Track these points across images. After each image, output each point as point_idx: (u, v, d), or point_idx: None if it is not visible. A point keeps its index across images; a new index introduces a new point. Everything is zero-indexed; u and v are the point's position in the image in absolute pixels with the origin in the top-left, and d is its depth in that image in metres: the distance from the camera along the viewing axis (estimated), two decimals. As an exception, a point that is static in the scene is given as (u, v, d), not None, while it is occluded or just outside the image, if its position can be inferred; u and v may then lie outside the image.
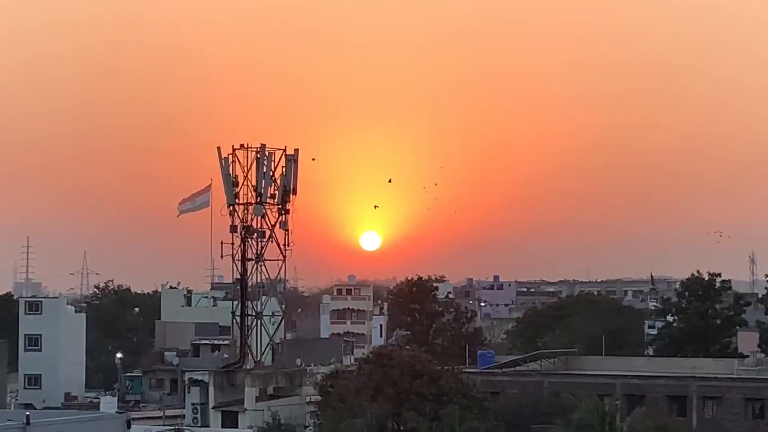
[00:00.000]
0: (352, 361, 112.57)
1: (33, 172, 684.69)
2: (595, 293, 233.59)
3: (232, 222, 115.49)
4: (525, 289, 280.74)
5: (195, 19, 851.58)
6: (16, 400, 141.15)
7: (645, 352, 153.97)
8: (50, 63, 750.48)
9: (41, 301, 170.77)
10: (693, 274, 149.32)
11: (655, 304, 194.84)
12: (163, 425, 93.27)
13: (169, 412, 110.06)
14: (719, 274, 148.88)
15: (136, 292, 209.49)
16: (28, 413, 54.53)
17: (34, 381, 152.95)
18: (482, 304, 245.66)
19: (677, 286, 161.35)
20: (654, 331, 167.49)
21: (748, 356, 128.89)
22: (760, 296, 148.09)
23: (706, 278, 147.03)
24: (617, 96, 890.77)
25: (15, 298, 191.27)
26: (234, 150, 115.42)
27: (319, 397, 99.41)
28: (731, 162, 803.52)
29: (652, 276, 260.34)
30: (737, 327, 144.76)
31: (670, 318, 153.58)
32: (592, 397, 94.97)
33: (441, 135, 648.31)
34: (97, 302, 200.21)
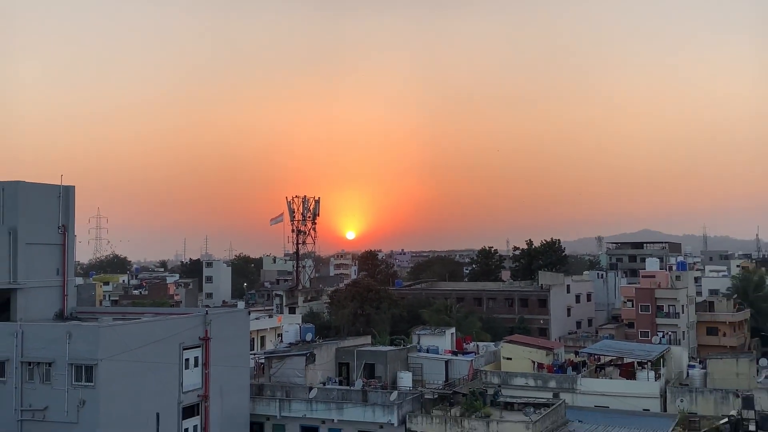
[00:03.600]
0: (342, 285, 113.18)
1: (205, 203, 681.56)
2: (444, 256, 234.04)
3: (292, 228, 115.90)
4: (415, 255, 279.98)
5: (268, 129, 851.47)
6: (201, 303, 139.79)
7: (464, 280, 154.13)
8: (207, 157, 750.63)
9: (212, 262, 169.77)
10: (483, 247, 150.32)
11: (468, 260, 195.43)
12: (264, 314, 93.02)
13: (267, 309, 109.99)
14: (492, 247, 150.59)
15: (252, 257, 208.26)
16: (206, 309, 54.34)
17: (209, 296, 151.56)
18: (397, 261, 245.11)
19: (476, 253, 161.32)
20: (467, 271, 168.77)
21: (505, 281, 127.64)
22: (511, 256, 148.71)
23: (488, 249, 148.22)
24: (457, 169, 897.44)
25: (201, 260, 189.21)
26: (293, 197, 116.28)
27: (329, 300, 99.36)
28: (507, 189, 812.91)
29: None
30: (501, 269, 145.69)
31: (474, 266, 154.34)
32: (441, 299, 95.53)
33: (385, 189, 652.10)
34: (236, 262, 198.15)
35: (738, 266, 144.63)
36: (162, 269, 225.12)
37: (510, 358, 61.67)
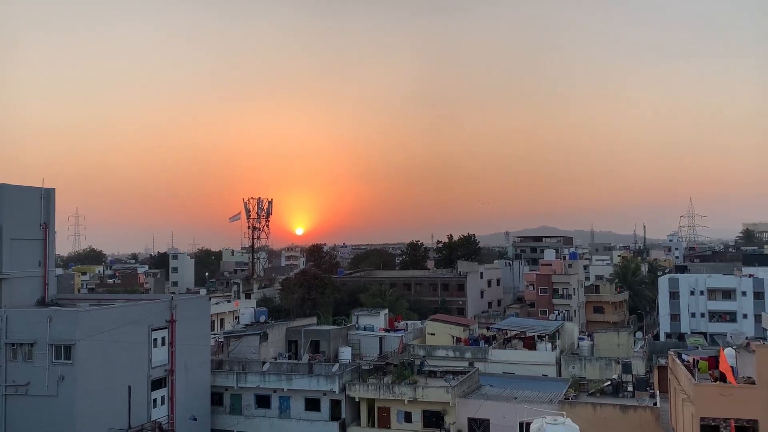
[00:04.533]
0: (292, 274, 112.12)
1: (172, 203, 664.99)
2: (379, 248, 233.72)
3: (248, 225, 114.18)
4: (355, 247, 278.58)
5: (229, 138, 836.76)
6: (167, 290, 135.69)
7: (396, 268, 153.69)
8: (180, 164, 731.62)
9: (177, 255, 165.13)
10: (411, 241, 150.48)
11: (399, 252, 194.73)
12: (223, 299, 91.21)
13: (226, 295, 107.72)
14: (419, 241, 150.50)
15: (213, 251, 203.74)
16: (172, 296, 53.14)
17: (174, 284, 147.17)
18: (339, 253, 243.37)
19: (406, 246, 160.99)
20: (398, 261, 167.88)
21: (430, 269, 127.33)
22: (435, 248, 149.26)
23: (415, 242, 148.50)
24: (390, 174, 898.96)
25: (168, 254, 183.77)
26: (249, 198, 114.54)
27: (281, 287, 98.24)
28: (432, 191, 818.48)
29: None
30: (427, 259, 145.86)
31: (404, 257, 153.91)
32: (377, 285, 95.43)
33: (329, 192, 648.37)
34: (199, 255, 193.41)
35: (619, 256, 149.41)
36: (133, 261, 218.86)
37: (433, 334, 62.18)
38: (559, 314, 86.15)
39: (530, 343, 57.52)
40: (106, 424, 37.90)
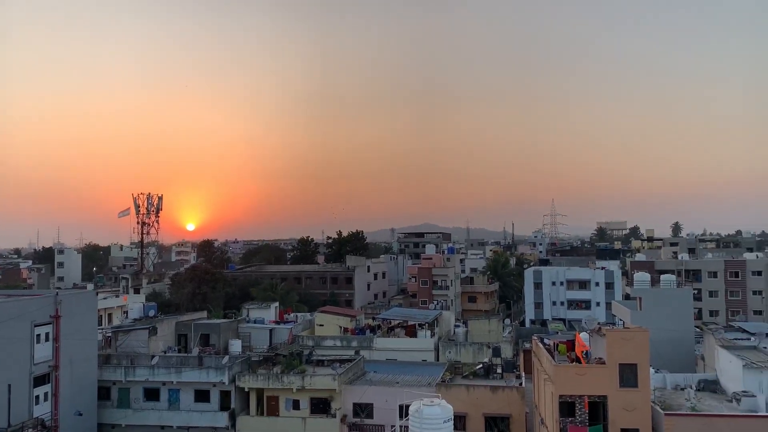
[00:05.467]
0: (183, 269, 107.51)
1: (57, 196, 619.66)
2: (270, 244, 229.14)
3: (138, 220, 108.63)
4: (246, 243, 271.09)
5: (119, 131, 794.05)
6: (53, 286, 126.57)
7: (287, 263, 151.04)
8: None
9: (64, 250, 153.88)
10: (302, 237, 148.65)
11: (290, 247, 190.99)
12: (111, 294, 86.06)
13: (114, 290, 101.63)
14: (310, 236, 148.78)
15: (101, 246, 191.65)
16: (57, 291, 49.66)
17: (60, 279, 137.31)
18: (231, 248, 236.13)
19: (297, 242, 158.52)
20: (290, 256, 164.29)
21: (320, 264, 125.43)
22: (325, 244, 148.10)
23: (306, 238, 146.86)
24: (281, 172, 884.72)
25: (53, 248, 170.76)
26: (138, 194, 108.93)
27: (171, 282, 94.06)
28: (321, 189, 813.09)
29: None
30: (317, 254, 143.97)
31: (295, 252, 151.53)
32: (268, 279, 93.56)
33: (221, 189, 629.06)
34: (86, 250, 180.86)
35: (491, 251, 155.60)
36: (16, 256, 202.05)
37: (322, 325, 62.01)
38: (438, 304, 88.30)
39: (412, 331, 58.63)
40: (-17, 424, 34.80)
